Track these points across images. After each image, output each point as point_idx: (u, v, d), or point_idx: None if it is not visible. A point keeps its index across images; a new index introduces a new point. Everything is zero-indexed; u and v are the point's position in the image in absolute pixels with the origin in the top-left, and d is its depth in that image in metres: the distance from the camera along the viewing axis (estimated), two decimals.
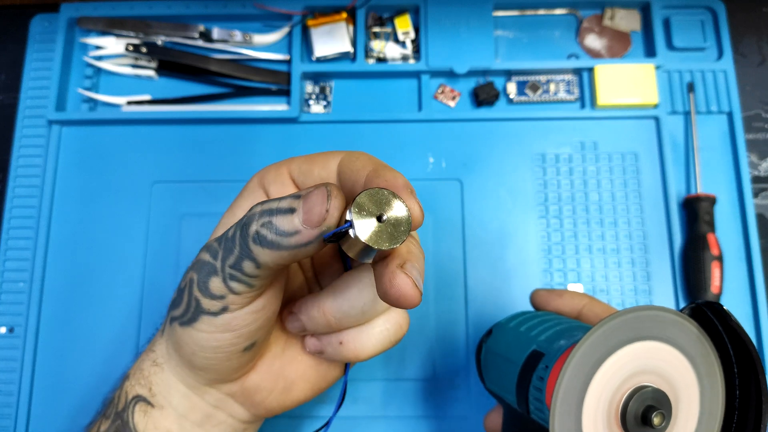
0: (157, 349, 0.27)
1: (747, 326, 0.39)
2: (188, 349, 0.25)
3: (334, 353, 0.26)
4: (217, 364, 0.25)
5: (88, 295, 0.40)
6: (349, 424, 0.38)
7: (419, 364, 0.38)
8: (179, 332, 0.25)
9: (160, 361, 0.27)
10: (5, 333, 0.40)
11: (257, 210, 0.22)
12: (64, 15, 0.44)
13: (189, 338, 0.24)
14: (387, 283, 0.20)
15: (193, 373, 0.26)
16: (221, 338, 0.24)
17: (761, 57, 0.45)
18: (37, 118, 0.43)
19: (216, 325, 0.23)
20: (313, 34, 0.43)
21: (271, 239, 0.21)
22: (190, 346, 0.24)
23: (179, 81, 0.44)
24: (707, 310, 0.22)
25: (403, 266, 0.21)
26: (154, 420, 0.26)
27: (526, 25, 0.45)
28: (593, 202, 0.41)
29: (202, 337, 0.24)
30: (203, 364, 0.25)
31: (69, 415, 0.38)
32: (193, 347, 0.24)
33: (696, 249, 0.39)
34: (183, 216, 0.41)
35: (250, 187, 0.27)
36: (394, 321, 0.26)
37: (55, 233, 0.41)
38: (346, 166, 0.24)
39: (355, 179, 0.23)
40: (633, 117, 0.42)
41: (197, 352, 0.24)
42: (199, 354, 0.25)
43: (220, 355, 0.24)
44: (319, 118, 0.43)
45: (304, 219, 0.21)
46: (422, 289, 0.21)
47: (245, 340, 0.24)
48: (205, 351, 0.24)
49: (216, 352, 0.24)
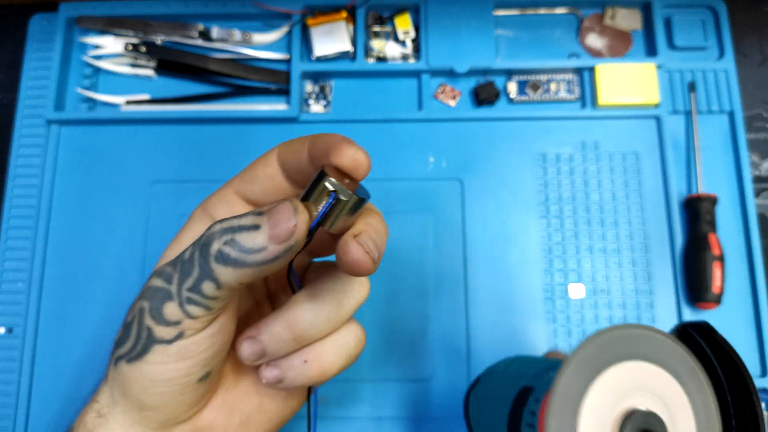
0: (101, 399, 0.25)
1: (748, 326, 0.39)
2: (137, 387, 0.23)
3: (297, 376, 0.25)
4: (170, 400, 0.23)
5: (87, 295, 0.40)
6: (351, 424, 0.38)
7: (420, 363, 0.38)
8: (126, 370, 0.23)
9: (104, 411, 0.25)
10: (4, 333, 0.40)
11: (217, 228, 0.21)
12: (62, 14, 0.44)
13: (138, 374, 0.23)
14: (341, 249, 0.21)
15: (141, 417, 0.24)
16: (175, 368, 0.23)
17: (762, 56, 0.45)
18: (36, 117, 0.43)
19: (170, 353, 0.22)
20: (312, 34, 0.43)
21: (235, 257, 0.21)
22: (139, 383, 0.23)
23: (178, 80, 0.44)
24: (694, 331, 0.21)
25: (357, 236, 0.22)
26: None
27: (526, 24, 0.45)
28: (594, 201, 0.41)
29: (154, 370, 0.23)
30: (154, 403, 0.23)
31: (68, 415, 0.38)
32: (144, 383, 0.23)
33: (697, 249, 0.39)
34: (182, 216, 0.41)
35: (195, 216, 0.26)
36: (353, 332, 0.25)
37: (54, 233, 0.41)
38: (286, 152, 0.24)
39: (299, 158, 0.24)
40: (634, 116, 0.42)
41: (148, 388, 0.23)
42: (150, 390, 0.23)
43: (174, 388, 0.23)
44: (319, 118, 0.42)
45: (271, 234, 0.20)
46: (377, 257, 0.22)
47: (201, 369, 0.23)
48: (157, 386, 0.23)
49: (169, 386, 0.23)
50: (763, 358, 0.39)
